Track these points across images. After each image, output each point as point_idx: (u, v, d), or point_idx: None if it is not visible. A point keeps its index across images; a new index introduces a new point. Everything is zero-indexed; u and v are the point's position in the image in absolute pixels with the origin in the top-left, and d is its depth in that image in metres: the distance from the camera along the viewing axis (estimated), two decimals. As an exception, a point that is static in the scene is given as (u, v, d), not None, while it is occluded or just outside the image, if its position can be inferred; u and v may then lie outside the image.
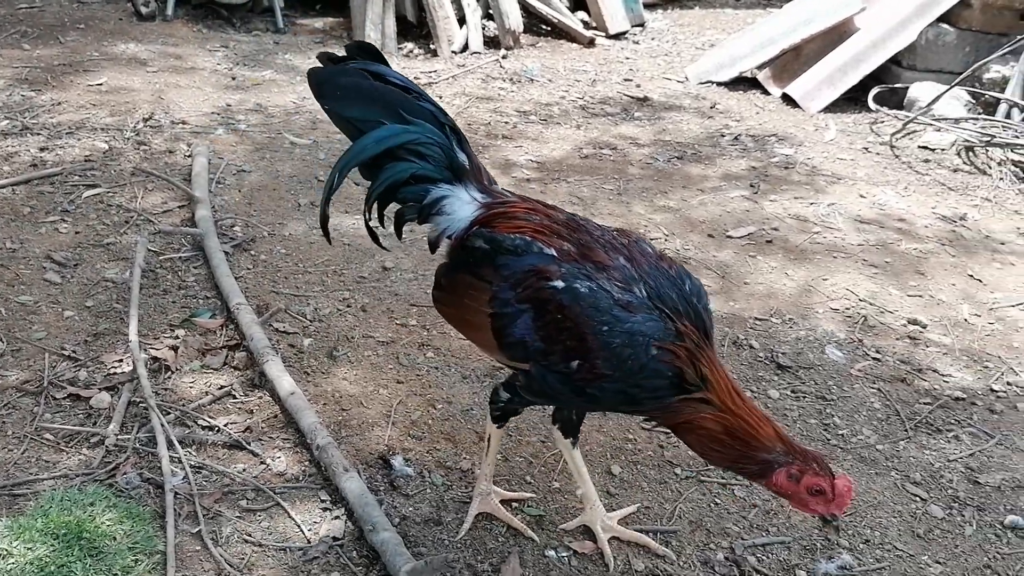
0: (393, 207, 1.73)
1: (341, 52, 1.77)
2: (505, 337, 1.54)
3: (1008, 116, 4.57)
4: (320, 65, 1.73)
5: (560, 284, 1.48)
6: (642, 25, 6.61)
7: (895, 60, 5.09)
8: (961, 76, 4.43)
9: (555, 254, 1.53)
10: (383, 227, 1.79)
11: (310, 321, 2.46)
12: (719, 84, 5.24)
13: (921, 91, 4.76)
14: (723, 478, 1.98)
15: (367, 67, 1.68)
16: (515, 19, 5.83)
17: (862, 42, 4.98)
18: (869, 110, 4.74)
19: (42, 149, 3.43)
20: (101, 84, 4.24)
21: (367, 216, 1.71)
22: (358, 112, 1.67)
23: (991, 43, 4.79)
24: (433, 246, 1.73)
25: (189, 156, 3.43)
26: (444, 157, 1.66)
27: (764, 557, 1.77)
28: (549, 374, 1.52)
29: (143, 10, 5.57)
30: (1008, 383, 2.40)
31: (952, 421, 2.23)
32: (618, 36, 6.30)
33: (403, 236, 1.78)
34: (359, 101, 1.66)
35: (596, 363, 1.45)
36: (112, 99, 4.05)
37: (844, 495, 1.43)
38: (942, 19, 5.02)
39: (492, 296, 1.55)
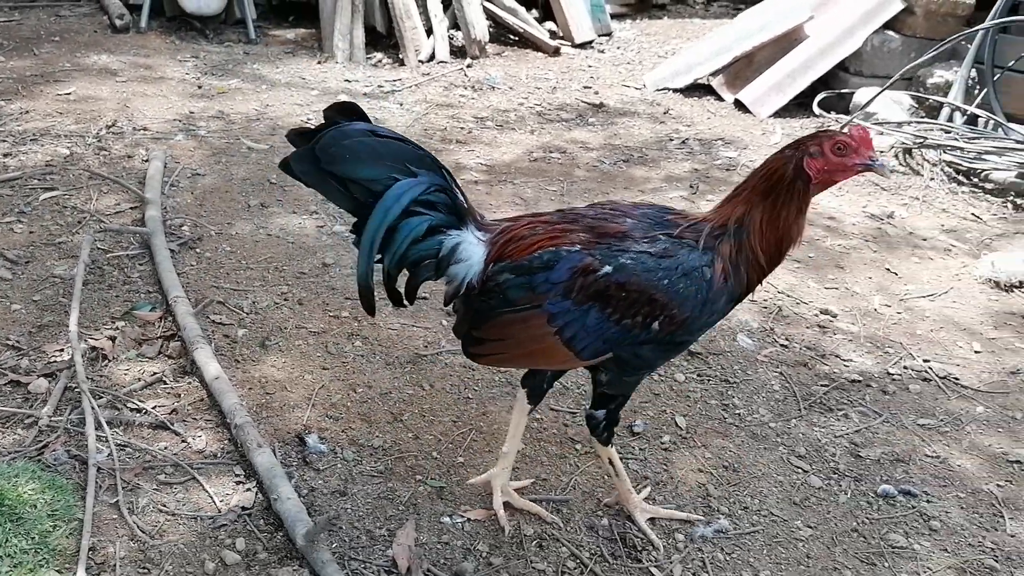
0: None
1: (318, 123, 1.65)
2: (579, 342, 1.58)
3: (950, 119, 4.74)
4: (293, 147, 1.59)
5: (608, 268, 1.56)
6: (609, 34, 6.79)
7: (843, 66, 5.27)
8: (891, 80, 4.61)
9: (580, 248, 1.58)
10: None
11: (247, 313, 2.59)
12: (675, 91, 5.41)
13: (866, 96, 4.93)
14: (620, 451, 2.11)
15: (364, 126, 1.59)
16: (481, 29, 6.00)
17: (810, 49, 5.16)
18: (816, 115, 4.92)
19: (6, 155, 3.57)
20: (70, 94, 4.39)
21: (389, 282, 1.62)
22: (369, 172, 1.57)
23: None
24: (451, 299, 1.66)
25: (146, 161, 3.57)
26: (450, 202, 1.63)
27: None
28: (640, 348, 1.60)
29: (117, 23, 5.74)
30: (905, 367, 2.54)
31: (845, 401, 2.36)
32: (584, 45, 6.48)
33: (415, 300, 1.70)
34: (369, 160, 1.57)
35: (674, 313, 1.56)
36: (79, 108, 4.20)
37: (862, 133, 1.55)
38: (887, 26, 5.21)
39: (549, 315, 1.57)
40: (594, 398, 1.75)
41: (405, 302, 1.69)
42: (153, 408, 2.13)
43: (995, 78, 4.79)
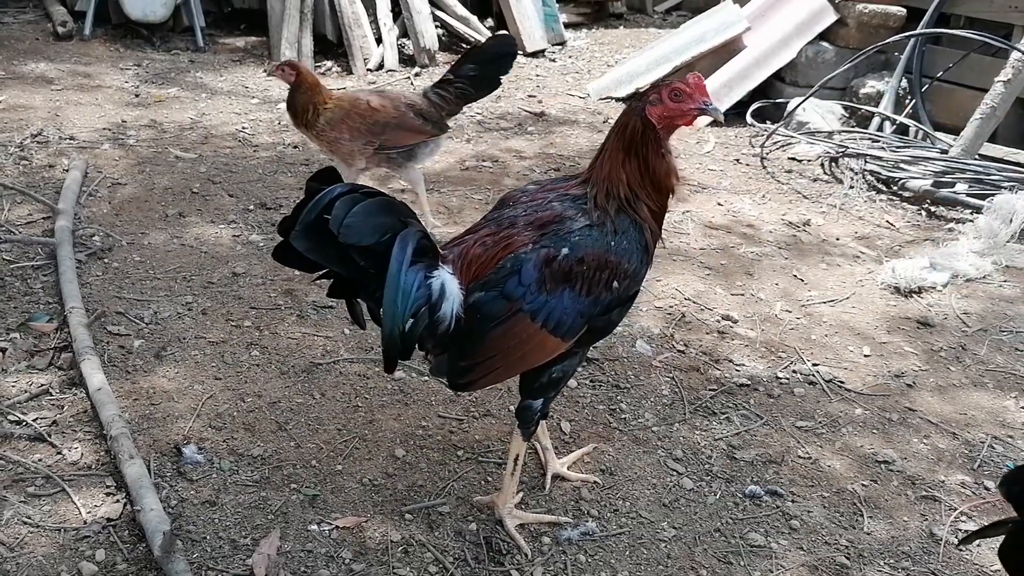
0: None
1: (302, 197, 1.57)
2: (561, 327, 1.67)
3: (880, 129, 4.86)
4: (281, 238, 1.57)
5: (566, 250, 1.67)
6: (562, 43, 6.85)
7: (779, 76, 5.37)
8: (814, 88, 4.73)
9: (532, 244, 1.68)
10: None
11: (147, 324, 2.60)
12: (618, 100, 5.48)
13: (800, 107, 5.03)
14: (501, 458, 2.14)
15: (354, 190, 1.57)
16: (430, 39, 6.05)
17: (747, 59, 5.26)
18: (749, 124, 5.00)
19: (-78, 166, 3.54)
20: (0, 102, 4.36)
21: (403, 336, 1.59)
22: (376, 235, 1.55)
23: (869, 60, 5.08)
24: (440, 340, 1.66)
25: (67, 170, 3.56)
26: (431, 244, 1.65)
27: (516, 528, 1.93)
28: (610, 312, 1.73)
29: (60, 30, 5.70)
30: (794, 371, 2.60)
31: (730, 405, 2.41)
32: (536, 54, 6.54)
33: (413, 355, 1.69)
34: (378, 220, 1.56)
35: (626, 268, 1.71)
36: (6, 116, 4.17)
37: (696, 81, 1.69)
38: (822, 37, 5.33)
39: (531, 314, 1.65)
40: (533, 389, 1.80)
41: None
42: (35, 420, 2.13)
43: (923, 88, 4.92)
